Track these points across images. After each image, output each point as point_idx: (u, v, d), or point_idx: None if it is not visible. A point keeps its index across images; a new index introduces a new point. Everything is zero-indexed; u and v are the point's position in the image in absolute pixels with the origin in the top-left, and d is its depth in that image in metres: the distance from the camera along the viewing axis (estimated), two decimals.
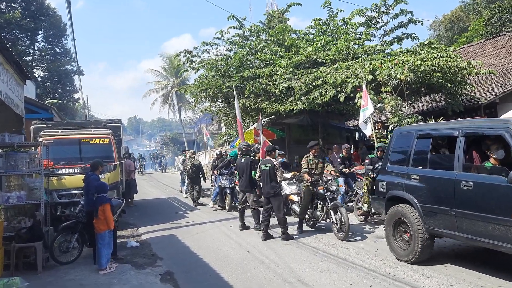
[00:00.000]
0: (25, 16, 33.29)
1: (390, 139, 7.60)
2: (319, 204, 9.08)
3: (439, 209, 6.07)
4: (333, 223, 8.61)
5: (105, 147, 11.08)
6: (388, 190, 7.20)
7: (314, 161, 9.17)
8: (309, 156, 9.20)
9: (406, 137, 7.15)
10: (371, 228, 9.52)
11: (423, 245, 6.33)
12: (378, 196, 7.66)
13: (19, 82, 9.48)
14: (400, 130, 7.71)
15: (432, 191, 6.28)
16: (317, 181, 8.98)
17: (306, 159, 9.16)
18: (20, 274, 6.45)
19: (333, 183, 9.00)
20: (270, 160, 9.30)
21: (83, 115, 35.86)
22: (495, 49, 19.80)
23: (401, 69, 11.88)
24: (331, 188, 8.91)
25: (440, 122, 10.31)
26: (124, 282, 6.57)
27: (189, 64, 17.81)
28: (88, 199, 7.71)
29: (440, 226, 6.10)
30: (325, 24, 16.15)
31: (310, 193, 9.05)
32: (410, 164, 6.80)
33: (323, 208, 8.97)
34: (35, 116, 14.92)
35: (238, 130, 15.07)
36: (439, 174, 6.22)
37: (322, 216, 8.98)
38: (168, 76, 48.81)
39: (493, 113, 14.85)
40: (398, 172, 7.05)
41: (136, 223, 11.89)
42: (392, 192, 7.08)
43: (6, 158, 8.27)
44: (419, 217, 6.38)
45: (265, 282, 6.17)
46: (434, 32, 37.69)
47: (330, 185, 8.92)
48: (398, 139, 7.43)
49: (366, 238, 8.62)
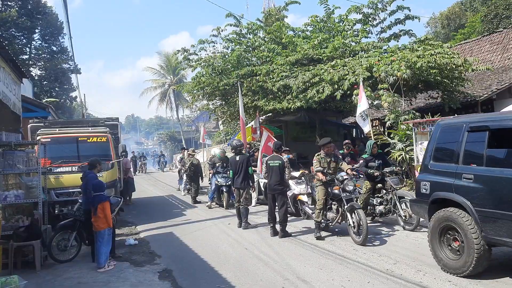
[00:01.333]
0: (22, 14, 33.18)
1: (432, 132, 6.63)
2: (334, 205, 8.56)
3: (501, 214, 5.15)
4: (350, 226, 8.03)
5: (103, 145, 11.07)
6: (432, 191, 6.28)
7: (326, 159, 8.59)
8: (320, 154, 8.64)
9: (454, 130, 6.24)
10: (370, 223, 9.47)
11: (479, 256, 5.43)
12: (419, 198, 6.72)
13: (16, 80, 9.46)
14: (445, 122, 6.69)
15: (493, 193, 5.34)
16: (332, 180, 8.45)
17: (318, 158, 8.58)
18: (19, 272, 6.44)
19: (350, 183, 8.31)
20: (279, 157, 9.16)
21: (80, 113, 35.81)
22: (492, 45, 19.86)
23: (398, 66, 11.91)
24: (347, 188, 8.26)
25: (494, 113, 9.42)
26: (123, 280, 6.58)
27: (187, 62, 17.82)
28: (86, 198, 7.71)
29: (502, 234, 5.18)
30: (322, 21, 16.15)
31: (325, 193, 8.45)
32: (460, 161, 5.90)
33: (338, 209, 8.43)
34: (32, 114, 14.90)
35: (241, 127, 15.04)
36: (502, 173, 5.26)
37: (337, 218, 8.41)
38: (166, 74, 48.72)
39: (490, 109, 14.91)
40: (444, 171, 6.12)
41: (134, 221, 11.88)
42: (438, 193, 6.16)
43: (4, 156, 8.28)
44: (474, 223, 5.48)
45: (263, 279, 6.19)
46: (431, 29, 37.73)
47: (347, 185, 8.26)
48: (442, 132, 6.47)
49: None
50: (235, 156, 10.25)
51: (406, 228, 8.76)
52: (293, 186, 10.41)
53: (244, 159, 10.09)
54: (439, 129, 6.56)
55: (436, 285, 5.52)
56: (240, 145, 10.56)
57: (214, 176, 13.67)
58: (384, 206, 9.15)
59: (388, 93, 12.27)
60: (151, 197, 18.42)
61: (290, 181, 10.24)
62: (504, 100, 14.76)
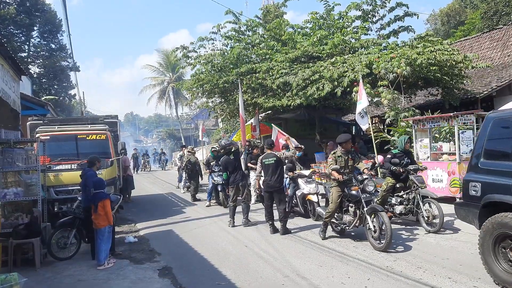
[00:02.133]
0: (20, 12, 33.10)
1: (481, 127, 6.03)
2: (351, 207, 7.77)
3: None
4: (369, 230, 7.29)
5: (102, 143, 11.06)
6: (484, 193, 5.51)
7: (343, 158, 7.82)
8: (336, 152, 7.92)
9: (509, 123, 5.57)
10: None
11: None
12: (467, 201, 5.93)
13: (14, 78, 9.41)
14: (497, 115, 5.87)
15: None
16: (350, 180, 7.71)
17: (334, 156, 7.87)
18: (18, 270, 6.41)
19: (371, 183, 7.57)
20: (273, 154, 9.09)
21: (79, 111, 35.73)
22: (492, 42, 19.84)
23: (398, 62, 11.90)
24: (368, 188, 7.53)
25: None
26: (123, 277, 6.57)
27: (186, 59, 17.79)
28: (85, 195, 7.70)
29: None
30: (322, 18, 16.12)
31: (340, 195, 7.77)
32: None
33: (355, 212, 7.65)
34: (31, 112, 14.86)
35: (240, 125, 15.01)
36: None
37: (354, 222, 7.65)
38: (165, 71, 48.66)
39: (490, 106, 14.90)
40: (500, 170, 5.37)
41: (133, 219, 11.88)
42: (492, 196, 5.38)
43: (3, 154, 8.25)
44: None
45: (263, 276, 6.19)
46: (430, 26, 37.68)
47: (367, 185, 7.53)
48: (495, 126, 5.69)
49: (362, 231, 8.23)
50: (229, 156, 10.20)
51: (429, 230, 8.12)
52: (302, 185, 10.07)
53: (238, 157, 10.11)
54: (491, 123, 5.75)
55: (436, 282, 5.51)
56: (229, 145, 10.49)
57: (211, 175, 13.67)
58: (405, 206, 8.54)
59: (388, 90, 12.26)
60: (151, 194, 18.42)
61: (299, 179, 10.03)
62: (504, 97, 14.75)
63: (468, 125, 10.51)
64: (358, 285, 5.61)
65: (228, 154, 10.22)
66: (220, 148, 10.74)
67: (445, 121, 10.71)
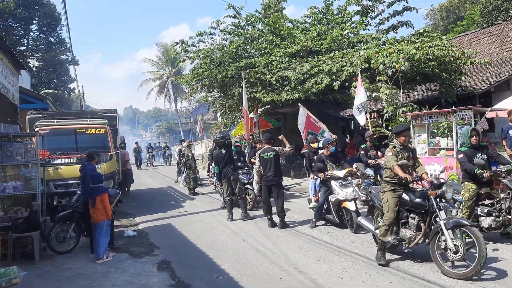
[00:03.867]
0: (19, 5, 33.01)
1: None
2: (412, 219, 6.03)
3: None
4: (448, 251, 5.45)
5: (101, 137, 11.08)
6: None
7: (403, 153, 6.16)
8: (396, 146, 6.27)
9: None
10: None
11: None
12: None
13: (13, 72, 9.41)
14: None
15: None
16: (420, 181, 6.11)
17: (394, 150, 6.15)
18: (18, 263, 6.45)
19: (450, 189, 5.85)
20: (272, 148, 9.12)
21: (78, 105, 35.65)
22: (491, 38, 19.85)
23: (397, 58, 11.91)
24: (447, 196, 5.83)
25: None
26: (122, 271, 6.61)
27: (185, 54, 17.76)
28: (84, 189, 7.73)
29: None
30: (321, 13, 16.11)
31: (397, 200, 6.04)
32: None
33: (419, 225, 5.92)
34: (30, 106, 14.87)
35: (244, 118, 14.94)
36: None
37: (417, 238, 5.85)
38: (164, 65, 48.61)
39: (488, 102, 14.93)
40: None
41: (133, 213, 11.91)
42: None
43: (2, 148, 8.27)
44: None
45: (261, 270, 6.23)
46: (430, 21, 37.58)
47: (446, 192, 5.81)
48: None
49: (362, 228, 7.78)
50: (221, 150, 10.20)
51: None
52: (336, 189, 8.39)
53: (230, 152, 10.18)
54: None
55: (432, 276, 5.55)
56: (221, 138, 10.40)
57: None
58: (495, 218, 6.56)
59: (386, 85, 12.27)
60: (150, 188, 18.46)
61: (333, 182, 8.46)
62: (502, 93, 14.77)
63: (466, 120, 10.51)
64: (355, 279, 5.66)
65: (220, 147, 10.24)
66: (214, 142, 10.73)
67: (443, 117, 10.72)
